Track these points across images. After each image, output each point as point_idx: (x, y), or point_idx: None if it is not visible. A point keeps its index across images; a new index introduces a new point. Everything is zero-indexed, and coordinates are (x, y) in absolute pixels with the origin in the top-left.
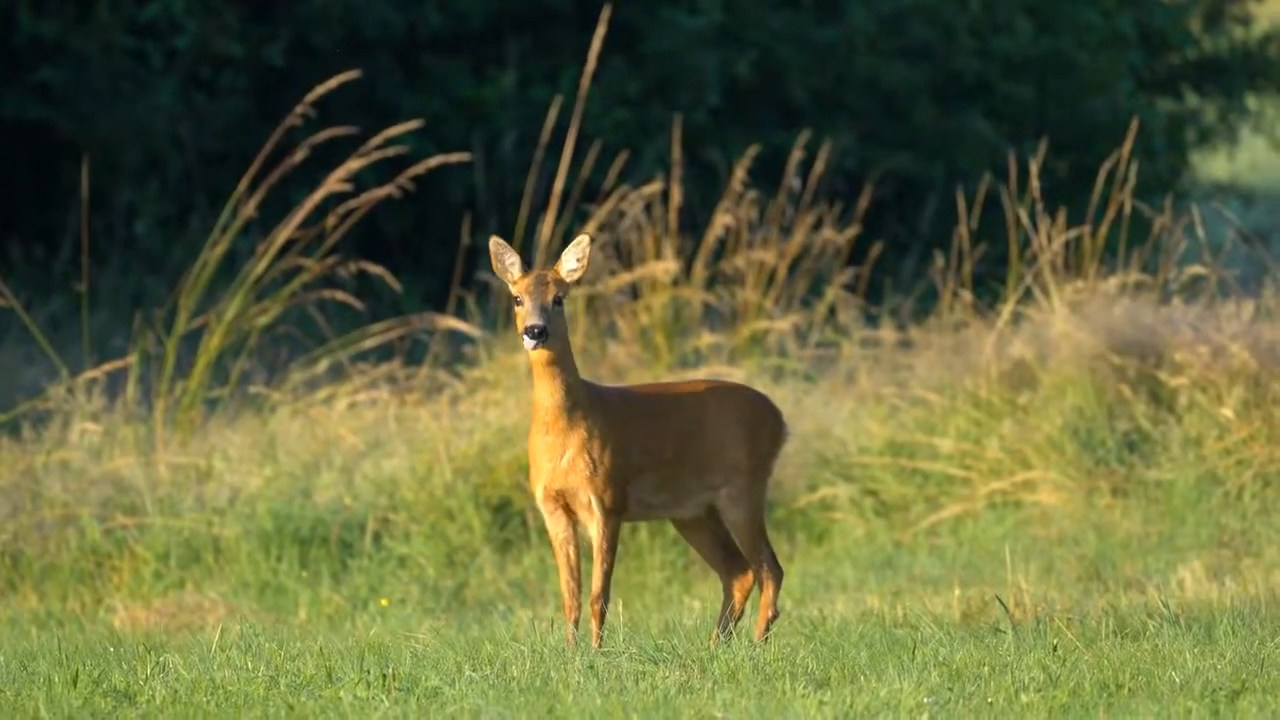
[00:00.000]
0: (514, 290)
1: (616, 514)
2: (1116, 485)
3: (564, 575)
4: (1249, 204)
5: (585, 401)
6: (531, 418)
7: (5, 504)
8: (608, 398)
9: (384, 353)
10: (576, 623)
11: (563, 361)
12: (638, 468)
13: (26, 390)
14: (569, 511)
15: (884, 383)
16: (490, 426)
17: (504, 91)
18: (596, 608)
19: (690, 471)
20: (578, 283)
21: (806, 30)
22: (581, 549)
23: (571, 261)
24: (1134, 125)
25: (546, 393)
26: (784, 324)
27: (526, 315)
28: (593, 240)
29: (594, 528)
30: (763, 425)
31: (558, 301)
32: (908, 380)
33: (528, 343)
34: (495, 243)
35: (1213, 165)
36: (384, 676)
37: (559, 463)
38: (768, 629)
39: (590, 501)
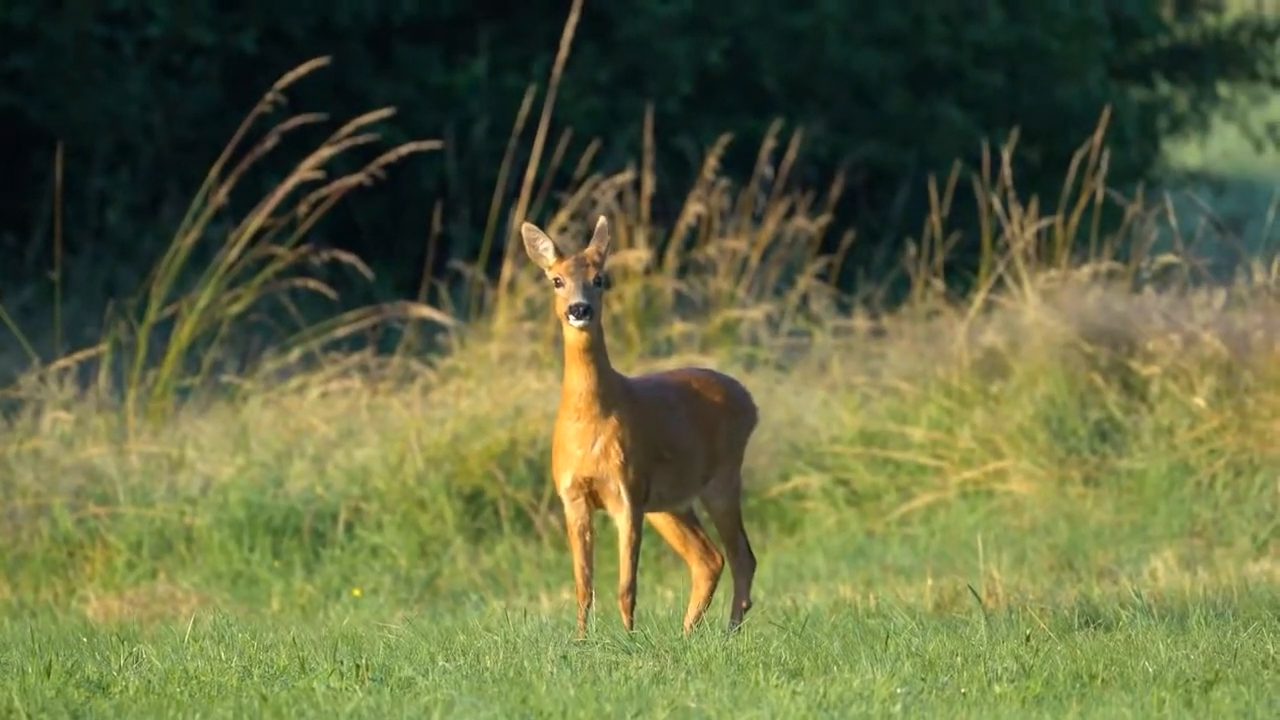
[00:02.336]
0: (552, 273)
1: (642, 504)
2: (1088, 474)
3: (579, 561)
4: (1220, 192)
5: (618, 388)
6: (561, 404)
7: None
8: (631, 386)
9: (356, 342)
10: (589, 609)
11: (599, 346)
12: (660, 458)
13: None
14: (591, 500)
15: (856, 372)
16: (462, 416)
17: (475, 79)
18: (627, 600)
19: (696, 462)
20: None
21: (778, 17)
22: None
23: (602, 246)
24: (1106, 113)
25: (580, 377)
26: (756, 313)
27: (570, 294)
28: (625, 225)
29: (622, 518)
30: (741, 411)
31: (598, 283)
32: (880, 369)
33: (574, 322)
34: (528, 228)
35: (1184, 153)
36: (357, 667)
37: (590, 450)
38: (740, 618)
39: (620, 491)
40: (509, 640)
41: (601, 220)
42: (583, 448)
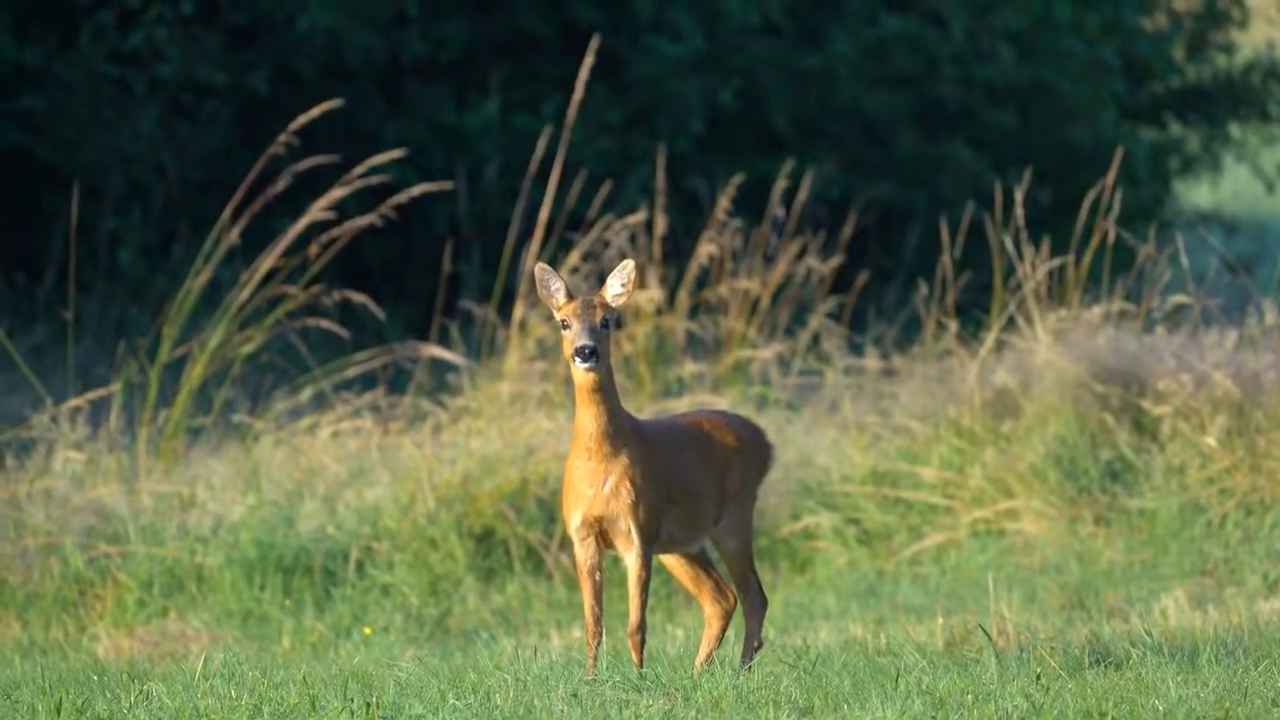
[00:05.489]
0: (560, 315)
1: (652, 543)
2: (1099, 514)
3: (589, 601)
4: (1232, 233)
5: (627, 428)
6: (572, 443)
7: None
8: (642, 427)
9: (367, 381)
10: (599, 647)
11: (608, 387)
12: (670, 499)
13: (10, 419)
14: (600, 540)
15: (867, 411)
16: (473, 455)
17: (487, 119)
18: (636, 639)
19: (707, 503)
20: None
21: (789, 57)
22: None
23: (616, 286)
24: (1118, 154)
25: (590, 418)
26: (767, 353)
27: (576, 337)
28: (637, 265)
29: (631, 557)
30: (756, 452)
31: (605, 324)
32: (891, 409)
33: (579, 364)
34: (541, 268)
35: (1196, 194)
36: (367, 705)
37: (600, 489)
38: (752, 658)
39: (630, 530)
40: (520, 678)
41: (629, 262)
42: (593, 487)
